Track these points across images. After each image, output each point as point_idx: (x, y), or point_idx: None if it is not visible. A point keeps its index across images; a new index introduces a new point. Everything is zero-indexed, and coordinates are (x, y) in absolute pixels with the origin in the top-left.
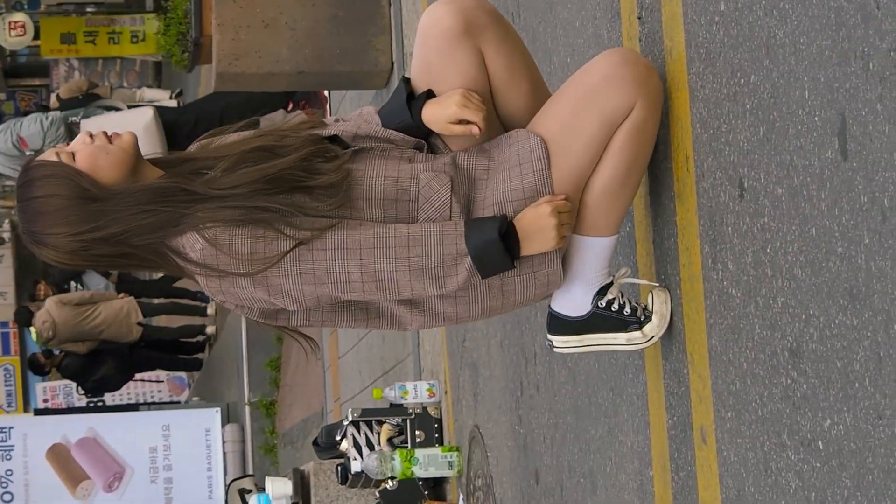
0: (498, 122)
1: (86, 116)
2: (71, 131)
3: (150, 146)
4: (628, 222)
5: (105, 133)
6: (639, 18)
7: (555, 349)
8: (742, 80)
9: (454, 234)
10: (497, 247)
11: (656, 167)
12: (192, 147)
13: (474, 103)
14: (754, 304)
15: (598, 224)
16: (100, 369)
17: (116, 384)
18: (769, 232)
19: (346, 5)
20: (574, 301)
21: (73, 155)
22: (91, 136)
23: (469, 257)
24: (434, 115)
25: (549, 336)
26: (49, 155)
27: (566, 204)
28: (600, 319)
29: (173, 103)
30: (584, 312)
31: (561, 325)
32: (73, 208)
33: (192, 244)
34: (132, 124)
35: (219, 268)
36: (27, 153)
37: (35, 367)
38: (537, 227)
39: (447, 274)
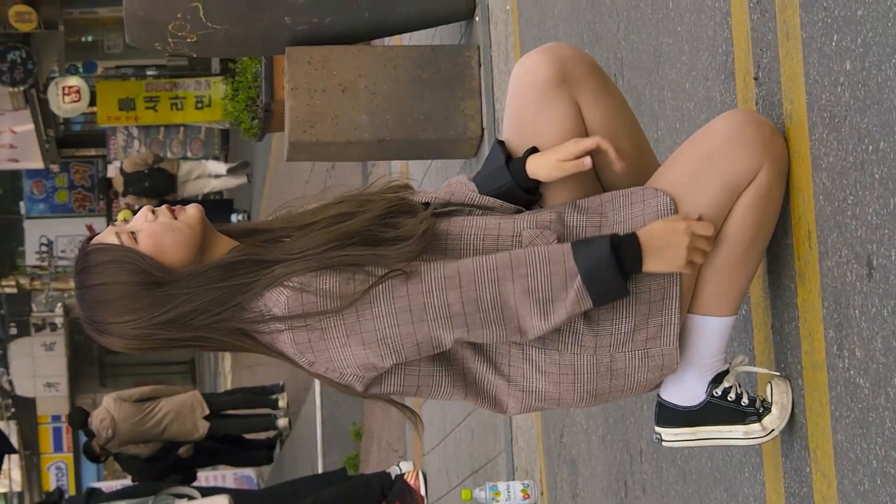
0: (597, 183)
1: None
2: None
3: None
4: (744, 305)
5: (169, 207)
6: (755, 79)
7: (664, 443)
8: (870, 147)
9: (561, 253)
10: (609, 263)
11: (775, 243)
12: (269, 217)
13: (589, 141)
14: (884, 395)
15: (716, 302)
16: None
17: None
18: None
19: (432, 66)
20: (687, 389)
21: (134, 235)
22: (153, 211)
23: (579, 276)
24: (543, 158)
25: (658, 428)
26: (108, 236)
27: (705, 226)
28: (715, 410)
29: (242, 178)
30: (698, 402)
31: (671, 415)
32: (137, 295)
33: (275, 299)
34: None
35: (307, 315)
36: None
37: (90, 454)
38: (666, 242)
39: (556, 297)
